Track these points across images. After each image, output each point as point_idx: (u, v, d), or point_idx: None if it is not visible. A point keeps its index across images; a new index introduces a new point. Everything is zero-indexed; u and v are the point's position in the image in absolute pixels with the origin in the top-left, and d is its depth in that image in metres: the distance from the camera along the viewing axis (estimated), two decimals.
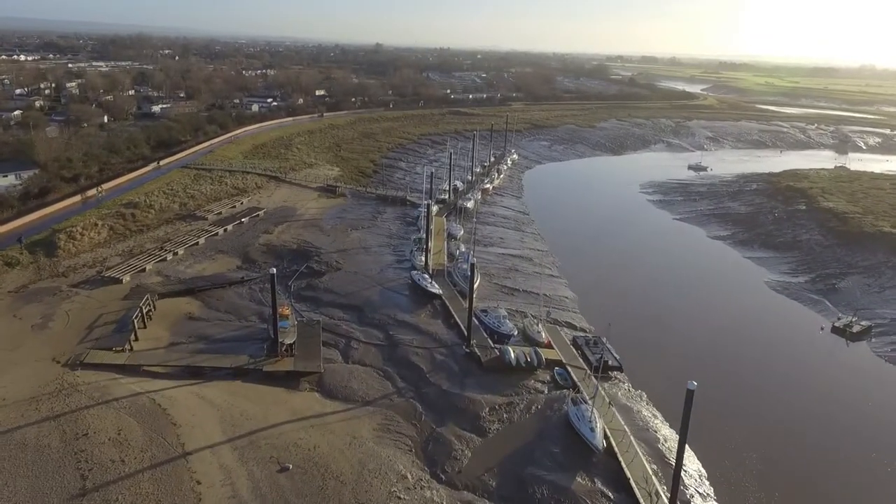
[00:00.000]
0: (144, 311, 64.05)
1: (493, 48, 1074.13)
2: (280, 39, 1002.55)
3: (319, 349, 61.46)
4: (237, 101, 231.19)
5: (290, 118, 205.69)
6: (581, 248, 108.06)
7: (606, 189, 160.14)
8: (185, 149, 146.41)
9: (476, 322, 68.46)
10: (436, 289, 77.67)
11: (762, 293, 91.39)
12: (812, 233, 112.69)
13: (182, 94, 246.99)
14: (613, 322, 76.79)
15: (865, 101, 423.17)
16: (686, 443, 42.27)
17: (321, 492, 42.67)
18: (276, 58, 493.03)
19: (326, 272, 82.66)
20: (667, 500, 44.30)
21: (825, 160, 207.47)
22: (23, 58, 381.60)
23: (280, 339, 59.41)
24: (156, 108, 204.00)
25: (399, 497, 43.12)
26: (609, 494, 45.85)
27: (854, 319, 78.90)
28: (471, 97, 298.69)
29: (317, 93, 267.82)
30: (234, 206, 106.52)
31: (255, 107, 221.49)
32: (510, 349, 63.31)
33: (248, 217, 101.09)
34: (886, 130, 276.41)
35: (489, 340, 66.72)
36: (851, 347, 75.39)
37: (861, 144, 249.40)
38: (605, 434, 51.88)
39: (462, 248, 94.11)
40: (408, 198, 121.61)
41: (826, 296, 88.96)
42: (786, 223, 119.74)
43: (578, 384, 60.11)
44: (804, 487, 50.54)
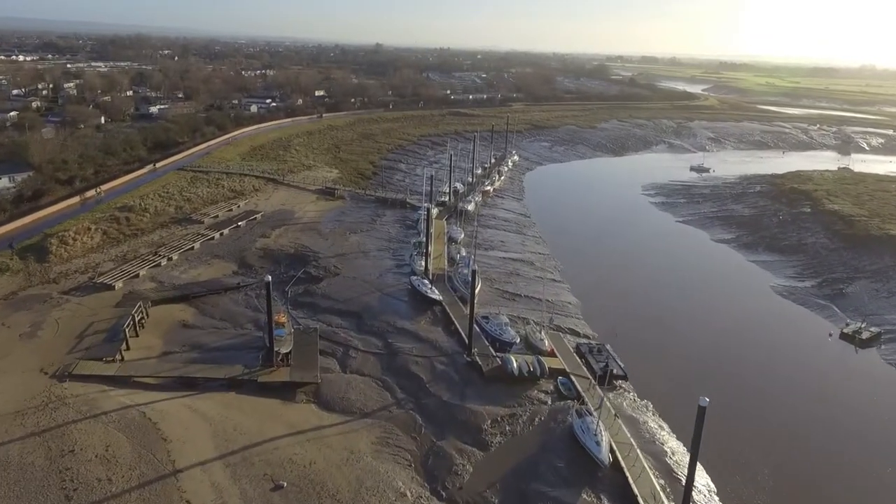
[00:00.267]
0: (137, 319, 62.38)
1: (493, 48, 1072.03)
2: (280, 39, 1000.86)
3: (316, 358, 59.79)
4: (236, 102, 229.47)
5: (289, 119, 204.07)
6: (583, 252, 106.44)
7: (608, 191, 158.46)
8: (183, 150, 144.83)
9: (477, 329, 66.80)
10: (436, 295, 76.01)
11: (768, 298, 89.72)
12: (818, 236, 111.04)
13: (180, 95, 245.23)
14: (617, 327, 75.60)
15: (866, 102, 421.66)
16: (697, 460, 40.64)
17: None
18: (276, 58, 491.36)
19: (324, 277, 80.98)
20: None
21: (828, 161, 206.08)
22: (21, 58, 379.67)
23: (276, 349, 57.73)
24: (154, 109, 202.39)
25: None
26: None
27: (863, 326, 77.28)
28: (471, 98, 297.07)
29: (316, 93, 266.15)
30: (231, 210, 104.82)
31: (254, 107, 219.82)
32: (512, 358, 61.64)
33: (245, 220, 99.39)
34: (889, 131, 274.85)
35: (491, 349, 65.08)
36: (861, 354, 73.75)
37: (864, 145, 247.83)
38: (611, 447, 50.25)
39: (463, 253, 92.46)
40: (407, 200, 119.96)
41: (833, 301, 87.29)
42: (791, 226, 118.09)
43: (583, 394, 58.45)
44: (818, 502, 48.94)
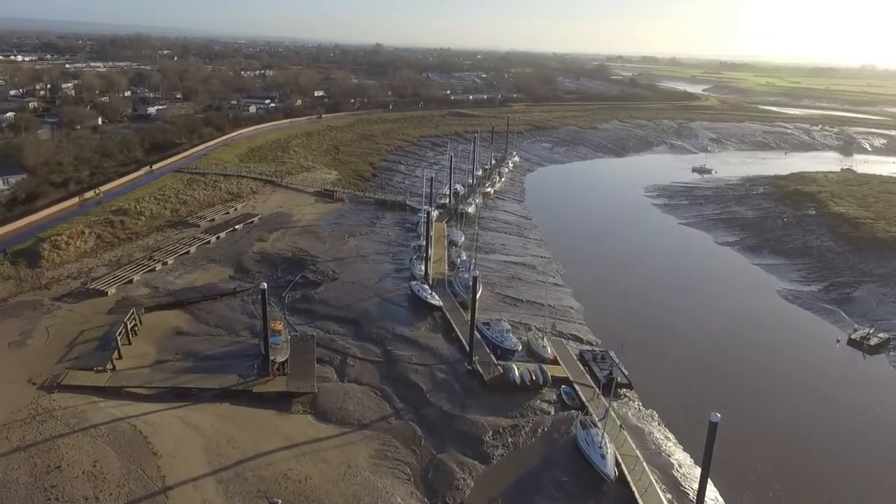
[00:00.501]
0: (129, 327, 60.86)
1: (493, 48, 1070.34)
2: (280, 39, 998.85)
3: (313, 367, 58.31)
4: (234, 103, 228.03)
5: (288, 120, 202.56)
6: (585, 254, 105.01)
7: (610, 192, 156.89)
8: (180, 152, 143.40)
9: (478, 336, 65.24)
10: (436, 300, 74.50)
11: (774, 302, 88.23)
12: (823, 239, 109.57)
13: (179, 96, 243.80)
14: (620, 333, 74.15)
15: (868, 102, 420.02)
16: (709, 477, 39.16)
17: None
18: (276, 58, 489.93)
19: (322, 282, 79.45)
20: None
21: (830, 162, 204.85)
22: (20, 58, 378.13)
23: (271, 357, 56.23)
24: (152, 110, 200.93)
25: None
26: None
27: (871, 331, 75.76)
28: (471, 98, 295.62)
29: (315, 94, 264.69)
30: (228, 213, 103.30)
31: (253, 108, 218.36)
32: (514, 367, 60.15)
33: (242, 224, 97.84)
34: (892, 132, 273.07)
35: (492, 356, 63.51)
36: (869, 361, 72.23)
37: (866, 146, 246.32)
38: (617, 460, 48.77)
39: (463, 256, 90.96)
40: (407, 202, 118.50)
41: (840, 306, 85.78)
42: (795, 228, 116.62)
43: (587, 404, 56.94)
44: None
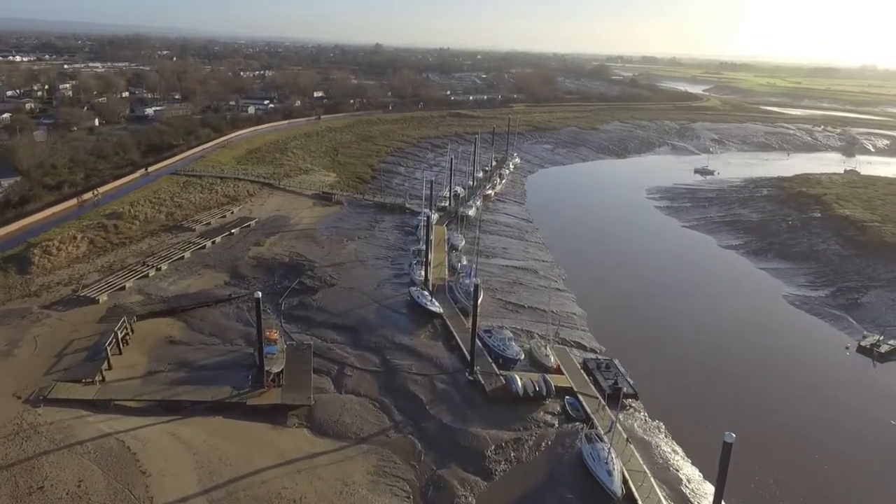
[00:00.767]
0: (120, 336, 59.00)
1: (493, 48, 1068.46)
2: (280, 40, 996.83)
3: (310, 378, 56.52)
4: (233, 104, 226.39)
5: (287, 121, 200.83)
6: (587, 258, 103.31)
7: (612, 194, 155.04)
8: (177, 154, 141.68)
9: (479, 344, 63.43)
10: (436, 307, 72.72)
11: (781, 308, 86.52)
12: (829, 242, 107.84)
13: (177, 96, 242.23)
14: (624, 340, 72.54)
15: (869, 102, 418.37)
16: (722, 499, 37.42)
17: None
18: (275, 58, 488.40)
19: (320, 288, 77.64)
20: None
21: (833, 163, 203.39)
22: (18, 58, 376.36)
23: (266, 368, 54.47)
24: (149, 111, 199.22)
25: None
26: None
27: (881, 338, 74.11)
28: (471, 99, 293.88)
29: (315, 94, 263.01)
30: (224, 216, 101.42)
31: (252, 109, 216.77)
32: (517, 377, 58.34)
33: (239, 227, 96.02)
34: (894, 132, 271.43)
35: (494, 366, 61.79)
36: (880, 369, 70.54)
37: (869, 147, 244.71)
38: (624, 476, 47.00)
39: (464, 261, 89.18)
40: (407, 205, 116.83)
41: (848, 311, 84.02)
42: (800, 232, 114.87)
43: (592, 416, 55.16)
44: None
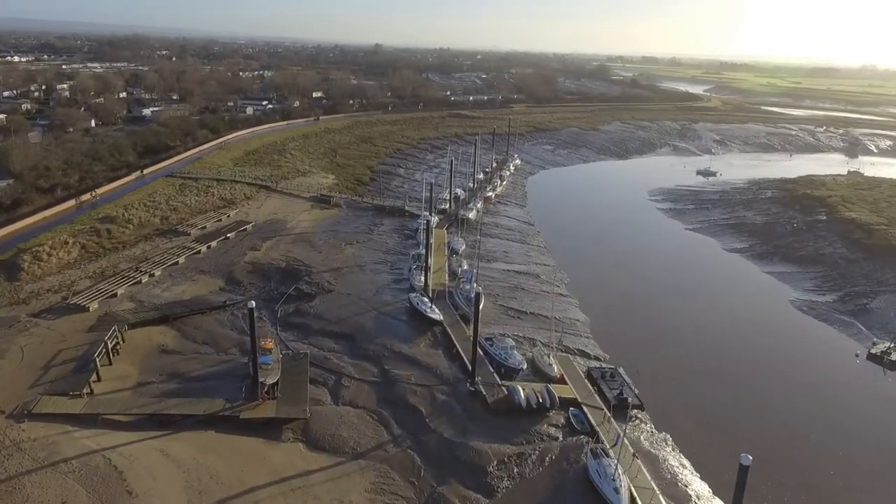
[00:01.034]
0: (110, 346, 57.15)
1: (493, 48, 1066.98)
2: (279, 40, 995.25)
3: (306, 389, 54.73)
4: (231, 104, 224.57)
5: (285, 122, 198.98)
6: (589, 262, 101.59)
7: (614, 196, 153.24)
8: (173, 155, 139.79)
9: (480, 353, 61.70)
10: (436, 314, 70.88)
11: (788, 313, 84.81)
12: (835, 245, 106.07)
13: (175, 97, 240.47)
14: (628, 347, 70.77)
15: (870, 103, 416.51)
16: None
17: None
18: (275, 58, 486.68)
19: (317, 295, 75.76)
20: None
21: (836, 164, 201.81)
22: (16, 59, 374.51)
23: (261, 379, 52.65)
24: (147, 112, 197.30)
25: None
26: None
27: (892, 346, 72.41)
28: (471, 99, 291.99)
29: (314, 95, 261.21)
30: (220, 220, 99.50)
31: (250, 110, 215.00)
32: (520, 388, 56.52)
33: (235, 231, 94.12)
34: None
35: (496, 375, 60.05)
36: (891, 377, 68.89)
37: (872, 147, 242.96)
38: (632, 494, 45.27)
39: (465, 266, 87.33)
40: (406, 207, 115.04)
41: (857, 317, 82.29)
42: (806, 235, 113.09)
43: (597, 429, 53.36)
44: None
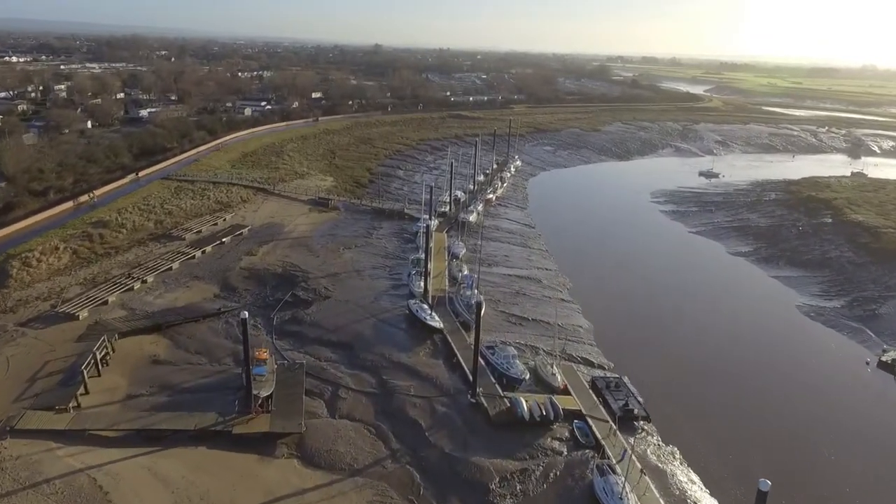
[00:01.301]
0: (99, 357, 55.30)
1: (493, 49, 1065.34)
2: (279, 40, 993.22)
3: (301, 402, 52.93)
4: (229, 105, 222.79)
5: (284, 123, 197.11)
6: (592, 266, 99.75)
7: (615, 198, 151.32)
8: (170, 157, 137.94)
9: (482, 362, 59.89)
10: (436, 322, 69.05)
11: (795, 319, 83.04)
12: (842, 249, 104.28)
13: (173, 98, 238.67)
14: (632, 354, 69.03)
15: (872, 103, 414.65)
16: None
17: None
18: (274, 59, 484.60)
19: (314, 301, 73.91)
20: None
21: (839, 165, 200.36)
22: (14, 59, 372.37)
23: (254, 392, 50.86)
24: (144, 113, 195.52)
25: None
26: None
27: None
28: (471, 100, 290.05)
29: (313, 95, 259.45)
30: (216, 224, 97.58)
31: (248, 110, 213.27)
32: (522, 400, 54.66)
33: (231, 236, 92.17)
34: None
35: (497, 386, 58.24)
36: None
37: (875, 148, 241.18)
38: None
39: (465, 271, 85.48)
40: (405, 210, 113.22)
41: (866, 323, 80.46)
42: (812, 238, 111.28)
43: (602, 443, 51.55)
44: None
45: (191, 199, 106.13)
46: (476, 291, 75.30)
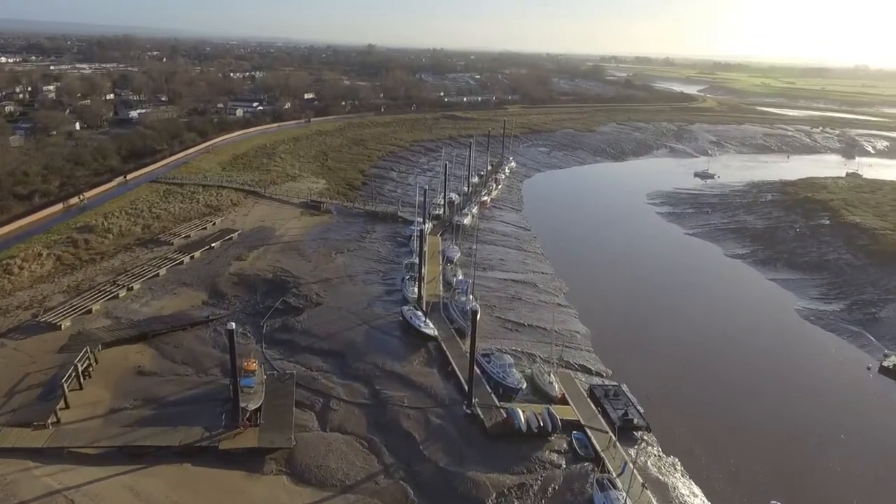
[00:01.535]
0: (81, 369, 53.35)
1: (486, 49, 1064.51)
2: (273, 40, 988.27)
3: (291, 414, 51.18)
4: (221, 106, 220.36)
5: (276, 124, 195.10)
6: (588, 269, 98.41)
7: (611, 199, 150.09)
8: (159, 160, 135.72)
9: (477, 371, 58.33)
10: (430, 329, 67.39)
11: (794, 323, 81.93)
12: (840, 251, 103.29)
13: (164, 98, 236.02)
14: (629, 359, 67.79)
15: (865, 103, 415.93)
16: None
17: None
18: (267, 59, 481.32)
19: (305, 308, 72.07)
20: None
21: (834, 165, 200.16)
22: (3, 59, 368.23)
23: (242, 405, 49.06)
24: (134, 114, 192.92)
25: None
26: None
27: None
28: (465, 100, 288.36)
29: (305, 96, 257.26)
30: (205, 228, 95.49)
31: (240, 111, 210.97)
32: (519, 411, 53.09)
33: (220, 241, 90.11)
34: (894, 134, 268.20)
35: (493, 396, 56.71)
36: None
37: (869, 148, 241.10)
38: None
39: (460, 276, 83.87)
40: (399, 213, 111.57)
41: (866, 327, 79.39)
42: (809, 240, 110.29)
43: (602, 455, 50.06)
44: None
45: (180, 203, 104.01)
46: (471, 297, 73.73)
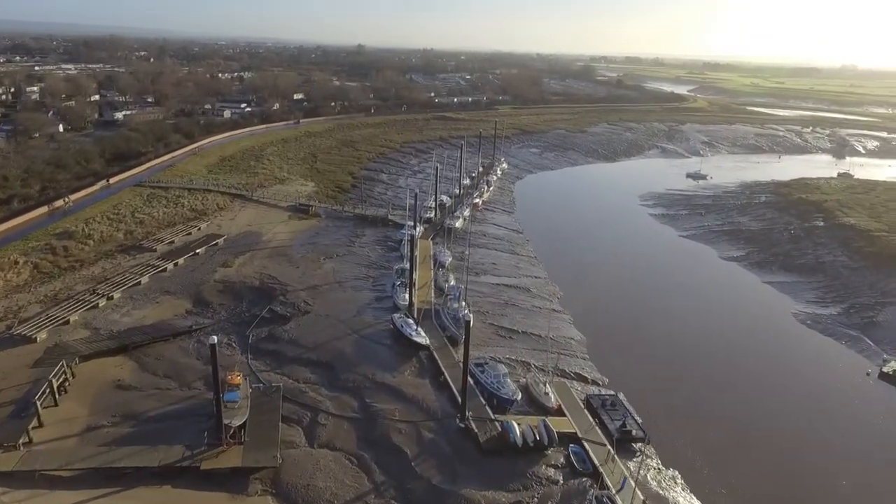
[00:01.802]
0: (56, 384, 50.93)
1: (477, 49, 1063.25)
2: (262, 41, 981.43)
3: (277, 431, 49.05)
4: (208, 107, 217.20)
5: (264, 125, 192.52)
6: (581, 273, 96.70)
7: (604, 201, 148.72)
8: (144, 162, 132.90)
9: (471, 381, 56.34)
10: (422, 338, 65.40)
11: (791, 327, 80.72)
12: (835, 253, 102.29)
13: (150, 100, 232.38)
14: (626, 366, 66.26)
15: (854, 102, 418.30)
16: None
17: None
18: (255, 59, 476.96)
19: (292, 317, 69.89)
20: None
21: (825, 165, 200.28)
22: None
23: (226, 421, 46.89)
24: (119, 115, 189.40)
25: None
26: None
27: None
28: (456, 101, 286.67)
29: (294, 97, 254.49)
30: (190, 233, 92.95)
31: (228, 113, 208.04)
32: (514, 425, 51.18)
33: (206, 246, 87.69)
34: (883, 133, 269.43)
35: (487, 408, 54.82)
36: None
37: (859, 148, 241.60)
38: None
39: (452, 281, 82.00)
40: (389, 216, 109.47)
41: (864, 331, 78.22)
42: (805, 242, 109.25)
43: (600, 469, 48.30)
44: None
45: (164, 207, 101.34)
46: (464, 304, 71.86)
